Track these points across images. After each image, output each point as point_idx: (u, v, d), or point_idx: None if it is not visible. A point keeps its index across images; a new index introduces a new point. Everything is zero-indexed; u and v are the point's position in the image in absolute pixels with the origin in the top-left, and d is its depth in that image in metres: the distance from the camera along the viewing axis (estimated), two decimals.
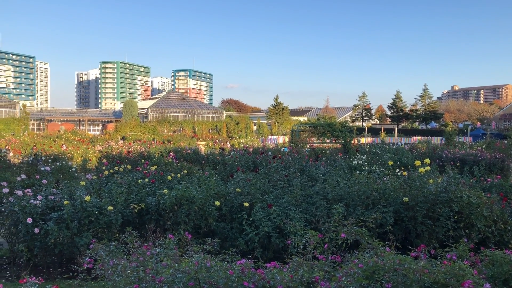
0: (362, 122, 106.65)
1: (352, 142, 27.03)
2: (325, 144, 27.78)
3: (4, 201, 8.36)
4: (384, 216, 7.77)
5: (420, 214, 8.08)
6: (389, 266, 3.71)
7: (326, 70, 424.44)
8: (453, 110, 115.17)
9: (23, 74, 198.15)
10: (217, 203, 8.82)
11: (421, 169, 8.76)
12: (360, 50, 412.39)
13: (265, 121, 76.88)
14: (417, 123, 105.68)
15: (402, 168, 14.19)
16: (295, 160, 15.72)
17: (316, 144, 27.30)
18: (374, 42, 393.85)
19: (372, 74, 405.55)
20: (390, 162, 13.14)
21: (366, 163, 16.21)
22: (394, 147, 28.03)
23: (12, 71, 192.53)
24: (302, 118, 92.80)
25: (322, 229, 6.78)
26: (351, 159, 17.07)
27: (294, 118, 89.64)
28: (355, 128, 58.25)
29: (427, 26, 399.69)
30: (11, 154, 24.38)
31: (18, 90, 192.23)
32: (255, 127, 68.99)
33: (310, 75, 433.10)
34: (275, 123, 77.13)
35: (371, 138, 52.03)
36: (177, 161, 19.23)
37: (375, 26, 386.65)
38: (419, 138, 52.92)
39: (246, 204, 8.63)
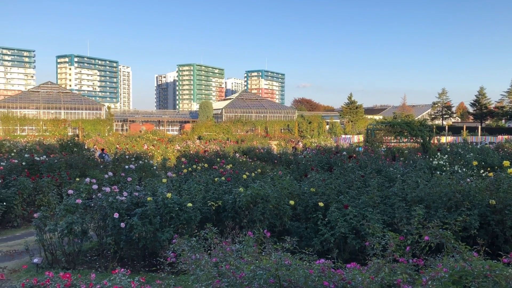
0: (442, 120, 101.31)
1: (432, 141, 25.82)
2: (403, 144, 26.81)
3: (93, 196, 8.97)
4: (468, 219, 7.35)
5: (509, 218, 7.56)
6: (478, 272, 3.50)
7: (402, 66, 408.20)
8: None
9: (107, 78, 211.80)
10: (292, 202, 8.84)
11: (510, 170, 8.16)
12: (439, 45, 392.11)
13: (338, 120, 75.66)
14: (503, 121, 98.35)
15: (488, 169, 13.31)
16: (371, 160, 15.34)
17: (392, 144, 26.42)
18: (454, 37, 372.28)
19: (453, 70, 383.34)
20: (475, 163, 12.38)
21: (447, 163, 15.40)
22: (478, 146, 26.32)
23: (98, 75, 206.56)
24: (377, 117, 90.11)
25: (402, 231, 6.57)
26: (431, 159, 16.30)
27: (369, 116, 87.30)
28: (434, 126, 55.44)
29: None
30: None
31: (103, 93, 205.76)
32: (327, 126, 68.13)
33: (385, 72, 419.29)
34: (348, 122, 75.62)
35: (452, 137, 49.30)
36: (250, 160, 19.55)
37: (455, 21, 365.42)
38: (505, 137, 49.16)
39: (321, 204, 8.57)
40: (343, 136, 56.42)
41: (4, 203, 11.74)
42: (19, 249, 9.56)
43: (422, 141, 23.67)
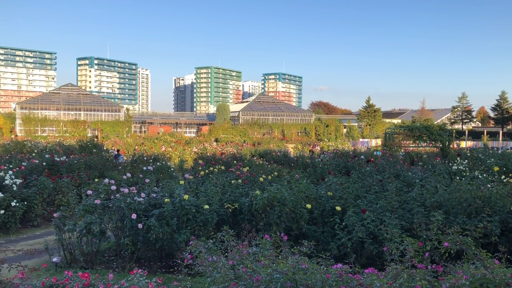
0: (462, 125, 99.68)
1: (451, 146, 25.46)
2: (421, 148, 26.49)
3: (112, 197, 9.07)
4: (489, 225, 7.21)
5: None
6: (500, 280, 3.43)
7: (422, 70, 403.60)
8: None
9: (126, 80, 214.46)
10: (309, 206, 8.80)
11: None
12: (460, 49, 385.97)
13: (356, 124, 75.09)
14: None
15: (510, 175, 13.06)
16: (390, 164, 15.17)
17: (411, 148, 26.12)
18: (475, 41, 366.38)
19: (473, 74, 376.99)
20: (496, 168, 12.16)
21: (467, 168, 15.15)
22: (499, 151, 25.81)
23: (117, 78, 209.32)
24: (396, 121, 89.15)
25: (421, 236, 6.48)
26: (450, 164, 16.06)
27: (387, 120, 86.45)
28: (454, 131, 54.62)
29: None
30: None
31: (122, 95, 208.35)
32: (345, 130, 67.70)
33: (404, 76, 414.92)
34: (366, 125, 74.99)
35: (472, 142, 48.49)
36: (267, 163, 19.54)
37: (476, 24, 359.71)
38: None
39: (338, 208, 8.51)
40: (360, 139, 56.01)
41: (25, 203, 11.95)
42: (39, 248, 9.72)
43: (441, 145, 23.38)
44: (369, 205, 8.71)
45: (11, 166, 14.39)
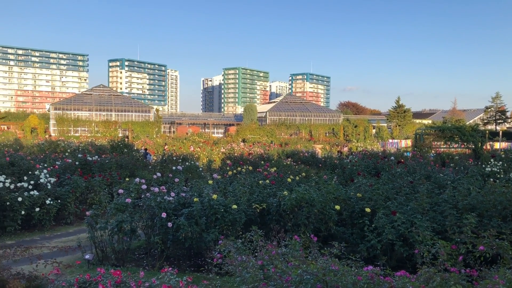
0: (496, 125, 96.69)
1: (484, 147, 24.76)
2: (453, 149, 25.86)
3: (142, 196, 9.23)
4: None
5: None
6: None
7: (453, 70, 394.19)
8: None
9: (156, 81, 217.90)
10: (337, 207, 8.73)
11: None
12: (493, 47, 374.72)
13: (385, 124, 73.91)
14: None
15: None
16: (420, 166, 14.88)
17: (442, 149, 25.53)
18: (509, 39, 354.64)
19: (508, 73, 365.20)
20: None
21: (501, 170, 14.71)
22: None
23: (147, 79, 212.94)
24: (426, 121, 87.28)
25: (453, 239, 6.33)
26: (483, 166, 15.62)
27: (417, 121, 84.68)
28: (487, 132, 53.09)
29: None
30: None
31: (152, 96, 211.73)
32: (374, 130, 66.77)
33: (435, 76, 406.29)
34: (396, 126, 73.67)
35: (506, 143, 46.97)
36: (294, 163, 19.47)
37: (509, 22, 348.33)
38: None
39: (368, 209, 8.41)
40: (390, 140, 55.10)
41: (59, 201, 12.30)
42: (72, 245, 9.99)
43: (473, 146, 22.79)
44: (400, 207, 8.56)
45: (45, 165, 14.82)
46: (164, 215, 8.26)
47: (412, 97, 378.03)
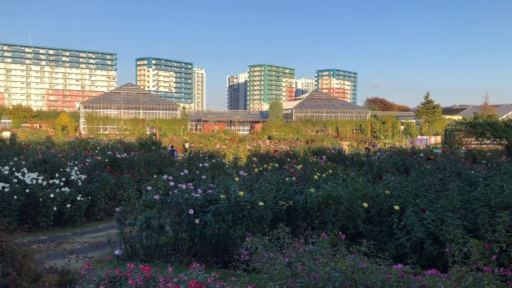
0: None
1: None
2: (484, 146, 25.17)
3: (170, 193, 9.33)
4: None
5: None
6: None
7: (484, 64, 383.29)
8: None
9: (182, 79, 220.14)
10: (365, 204, 8.62)
11: None
12: None
13: (414, 120, 72.50)
14: None
15: None
16: (451, 162, 14.54)
17: (473, 145, 24.89)
18: None
19: None
20: None
21: None
22: None
23: (174, 77, 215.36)
24: (456, 117, 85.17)
25: (485, 238, 6.16)
26: None
27: (447, 117, 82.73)
28: None
29: None
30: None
31: (178, 94, 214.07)
32: (402, 127, 65.64)
33: (465, 71, 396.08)
34: (425, 122, 72.15)
35: None
36: (321, 161, 19.34)
37: None
38: None
39: (396, 207, 8.28)
40: (419, 137, 54.08)
41: (89, 197, 12.59)
42: (103, 241, 10.18)
43: (507, 143, 22.11)
44: (429, 205, 8.39)
45: (76, 162, 15.17)
46: (191, 211, 8.33)
47: (441, 92, 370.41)
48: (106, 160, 16.69)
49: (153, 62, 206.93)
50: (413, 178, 10.77)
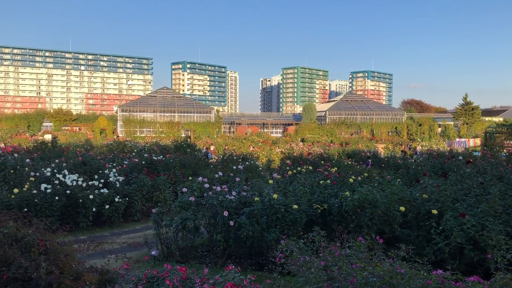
0: None
1: None
2: None
3: (205, 195, 9.44)
4: None
5: None
6: None
7: None
8: None
9: (216, 82, 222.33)
10: (402, 208, 8.46)
11: None
12: None
13: (452, 122, 70.55)
14: None
15: None
16: (491, 166, 14.06)
17: None
18: None
19: None
20: None
21: None
22: None
23: (208, 80, 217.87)
24: (497, 119, 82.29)
25: None
26: None
27: (487, 118, 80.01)
28: None
29: None
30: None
31: (212, 97, 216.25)
32: (439, 129, 63.98)
33: (506, 70, 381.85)
34: (463, 124, 70.10)
35: None
36: (356, 163, 19.09)
37: None
38: None
39: (434, 211, 8.07)
40: (457, 139, 52.55)
41: (127, 198, 12.89)
42: (140, 241, 10.36)
43: None
44: (469, 209, 8.15)
45: (114, 164, 15.57)
46: (226, 213, 8.39)
47: (481, 93, 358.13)
48: (143, 162, 17.05)
49: (188, 66, 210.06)
50: (451, 181, 10.48)
